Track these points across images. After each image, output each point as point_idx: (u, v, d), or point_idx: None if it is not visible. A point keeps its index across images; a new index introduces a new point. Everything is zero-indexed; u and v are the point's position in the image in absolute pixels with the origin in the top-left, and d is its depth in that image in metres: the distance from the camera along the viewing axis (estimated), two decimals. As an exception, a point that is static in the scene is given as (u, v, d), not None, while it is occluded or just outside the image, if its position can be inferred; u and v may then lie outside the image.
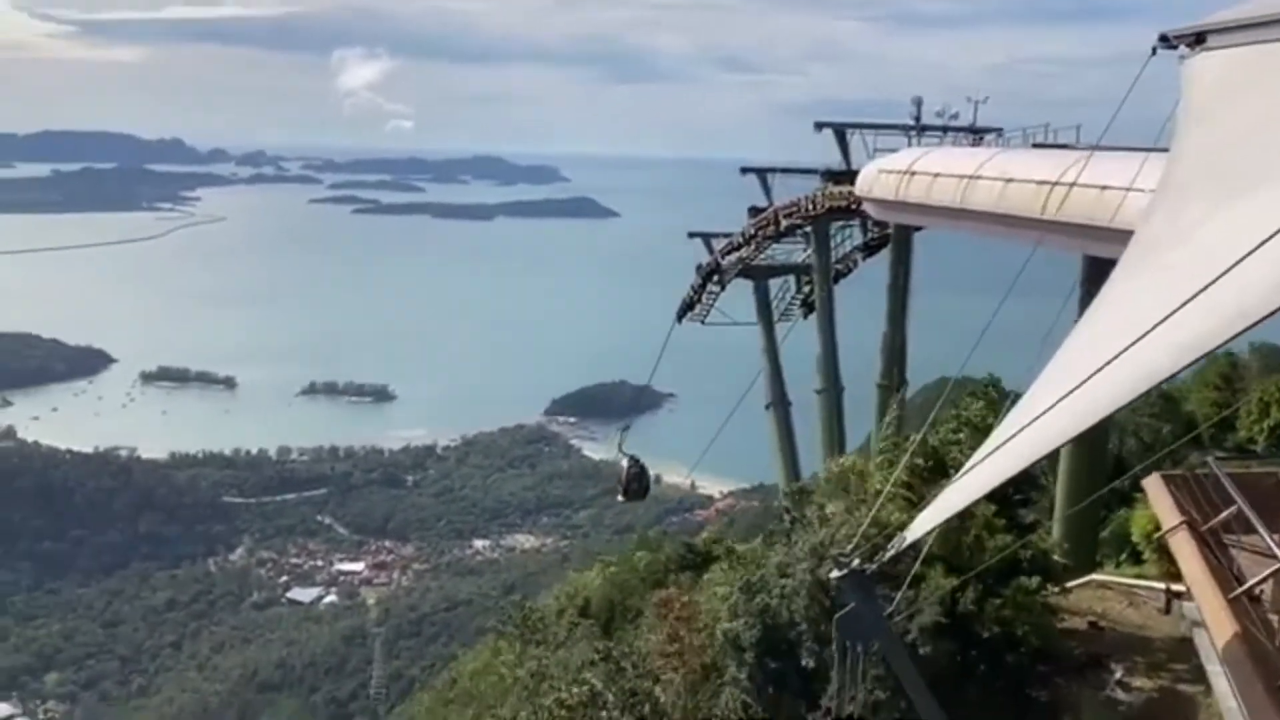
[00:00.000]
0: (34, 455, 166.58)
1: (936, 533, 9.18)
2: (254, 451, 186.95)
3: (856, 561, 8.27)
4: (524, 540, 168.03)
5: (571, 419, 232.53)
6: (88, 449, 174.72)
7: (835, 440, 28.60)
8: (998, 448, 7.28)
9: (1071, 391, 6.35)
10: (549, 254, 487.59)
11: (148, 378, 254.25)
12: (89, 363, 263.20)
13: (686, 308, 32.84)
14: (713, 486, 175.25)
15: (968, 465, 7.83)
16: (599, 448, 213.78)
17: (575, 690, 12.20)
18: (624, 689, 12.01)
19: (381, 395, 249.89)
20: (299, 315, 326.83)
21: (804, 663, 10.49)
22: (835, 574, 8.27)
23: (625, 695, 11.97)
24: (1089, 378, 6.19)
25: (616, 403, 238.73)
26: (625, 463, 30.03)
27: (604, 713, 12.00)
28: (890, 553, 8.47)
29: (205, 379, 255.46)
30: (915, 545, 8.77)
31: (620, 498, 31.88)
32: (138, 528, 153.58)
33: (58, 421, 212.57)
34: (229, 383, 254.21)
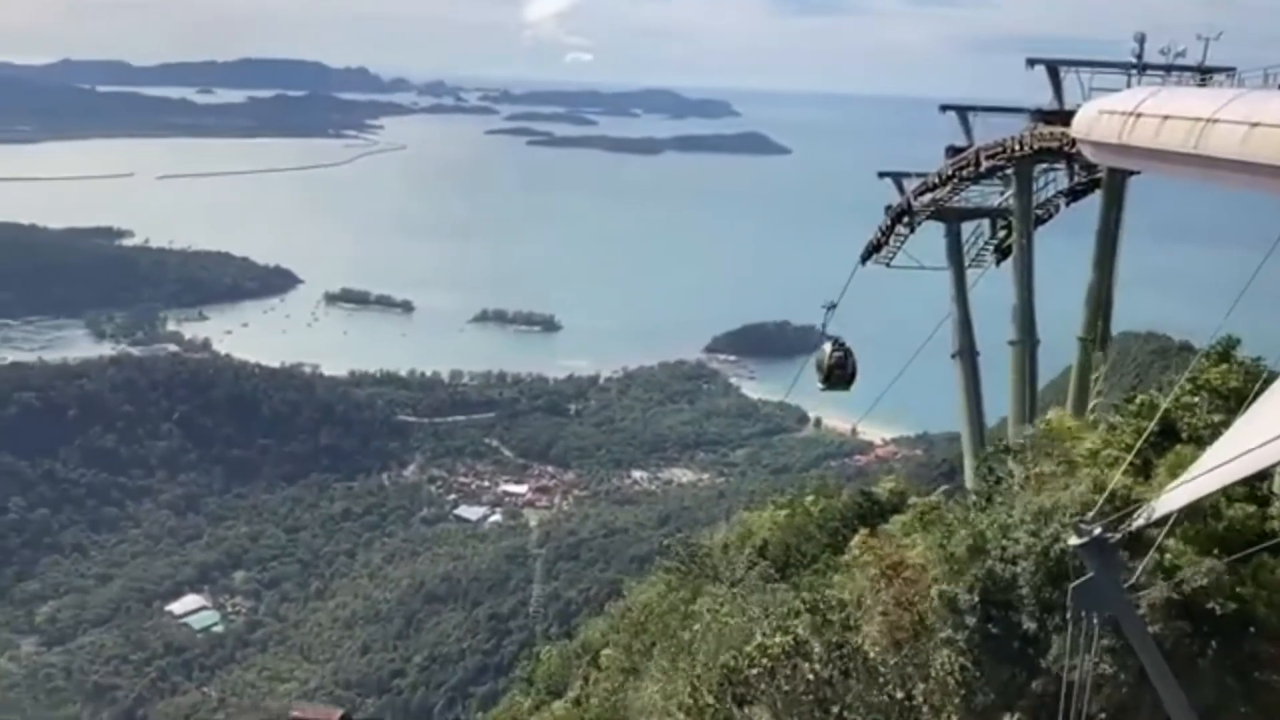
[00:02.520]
0: (226, 367, 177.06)
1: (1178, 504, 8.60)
2: (428, 374, 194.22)
3: (1099, 530, 7.76)
4: (680, 474, 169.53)
5: (732, 357, 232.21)
6: (275, 364, 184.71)
7: (1027, 395, 27.20)
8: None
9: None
10: (717, 189, 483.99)
11: (331, 299, 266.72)
12: (278, 282, 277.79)
13: (873, 249, 31.61)
14: (874, 433, 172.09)
15: (1237, 441, 7.20)
16: (758, 387, 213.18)
17: (779, 639, 12.05)
18: (830, 641, 11.80)
19: (548, 325, 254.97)
20: (473, 244, 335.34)
21: (1025, 628, 10.05)
22: (1075, 541, 7.78)
23: (831, 648, 11.77)
24: None
25: (778, 343, 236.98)
26: (827, 346, 26.89)
27: (808, 664, 11.83)
28: (1137, 523, 7.93)
29: (384, 302, 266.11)
30: (1159, 517, 8.22)
31: (820, 385, 27.44)
32: (319, 440, 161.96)
33: (248, 336, 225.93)
34: (406, 306, 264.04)
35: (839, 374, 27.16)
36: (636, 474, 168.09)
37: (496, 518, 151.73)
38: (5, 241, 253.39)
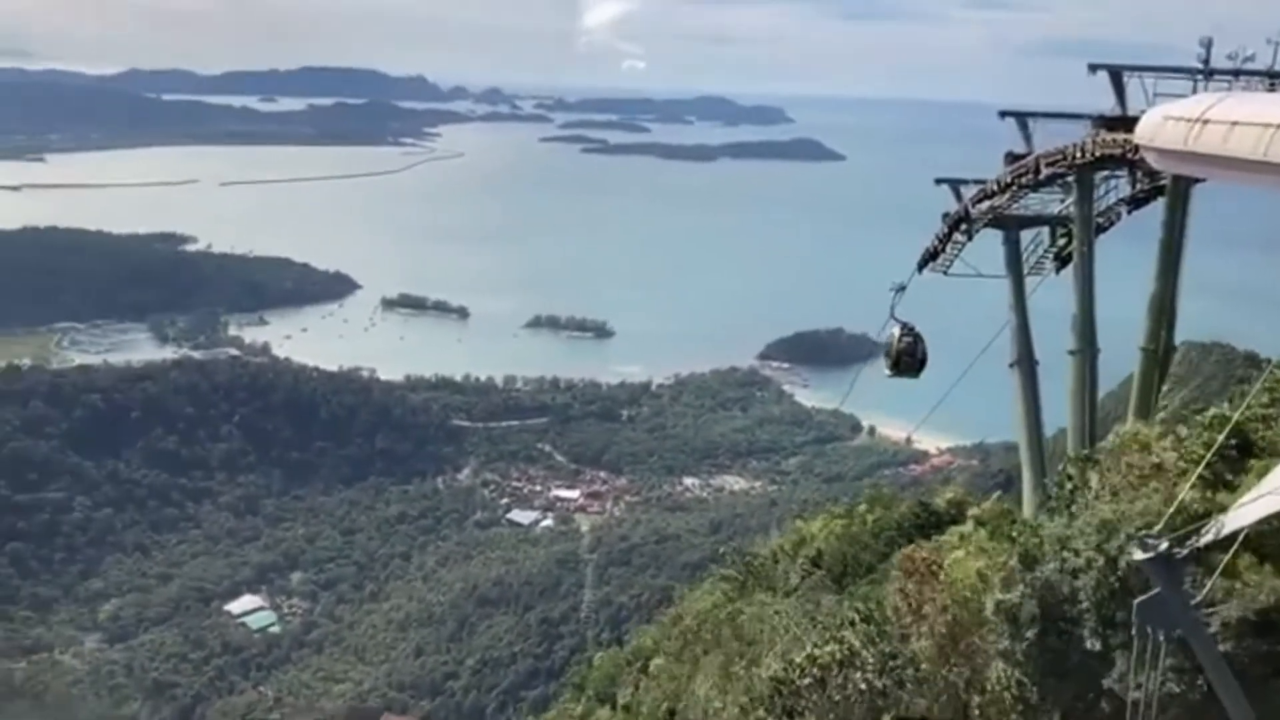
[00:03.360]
0: (286, 371, 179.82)
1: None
2: (482, 378, 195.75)
3: (1165, 545, 7.57)
4: (732, 482, 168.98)
5: (785, 364, 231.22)
6: (333, 368, 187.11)
7: (1088, 405, 26.68)
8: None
9: None
10: (770, 196, 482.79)
11: (388, 304, 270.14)
12: (337, 287, 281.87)
13: (929, 257, 31.21)
14: (929, 442, 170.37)
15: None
16: (811, 394, 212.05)
17: (831, 648, 11.93)
18: (882, 651, 11.65)
19: (601, 331, 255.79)
20: (527, 251, 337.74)
21: (1087, 644, 9.83)
22: (1140, 556, 7.59)
23: (884, 658, 11.62)
24: None
25: (832, 350, 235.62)
26: (896, 330, 25.36)
27: (859, 674, 11.69)
28: (1206, 538, 7.72)
29: (440, 308, 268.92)
30: (1228, 532, 7.98)
31: (887, 372, 25.93)
32: (375, 444, 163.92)
33: (307, 341, 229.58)
34: (462, 312, 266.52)
35: (908, 360, 25.80)
36: (688, 481, 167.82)
37: (548, 522, 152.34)
38: (74, 246, 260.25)
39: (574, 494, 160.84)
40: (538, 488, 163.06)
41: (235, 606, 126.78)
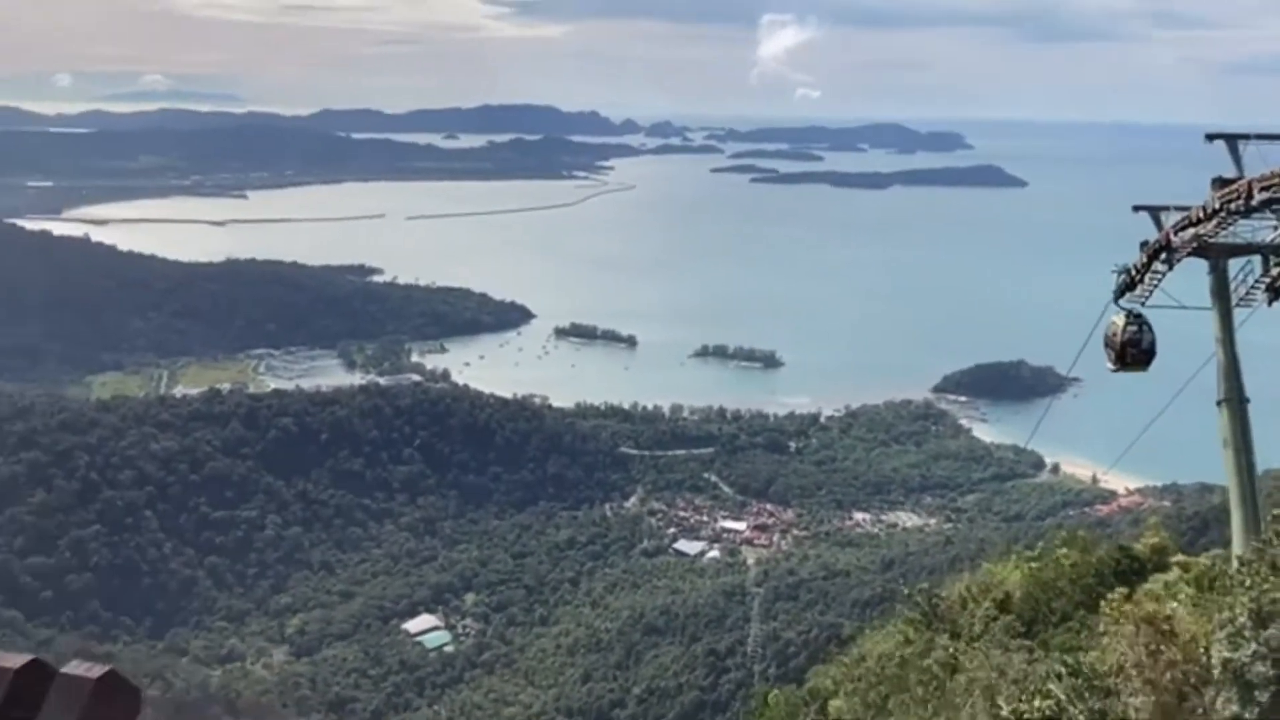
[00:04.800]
0: (464, 397, 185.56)
1: None
2: (649, 407, 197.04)
3: None
4: (905, 518, 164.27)
5: (962, 398, 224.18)
6: (508, 394, 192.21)
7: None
8: None
9: None
10: (947, 224, 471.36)
11: (561, 333, 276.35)
12: (512, 316, 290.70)
13: (1126, 287, 29.50)
14: (1117, 481, 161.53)
15: None
16: (990, 429, 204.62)
17: (1039, 703, 11.19)
18: (1091, 709, 10.85)
19: (770, 362, 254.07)
20: (695, 280, 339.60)
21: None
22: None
23: (1094, 715, 10.81)
24: None
25: (1013, 383, 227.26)
26: (1119, 319, 22.05)
27: (1067, 732, 10.89)
28: None
29: (610, 336, 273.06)
30: None
31: (1110, 366, 22.52)
32: (546, 469, 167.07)
33: (484, 368, 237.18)
34: (630, 341, 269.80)
35: (1134, 351, 22.55)
36: (858, 515, 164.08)
37: (715, 553, 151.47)
38: (270, 277, 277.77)
39: (741, 526, 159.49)
40: (704, 518, 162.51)
41: (412, 625, 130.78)
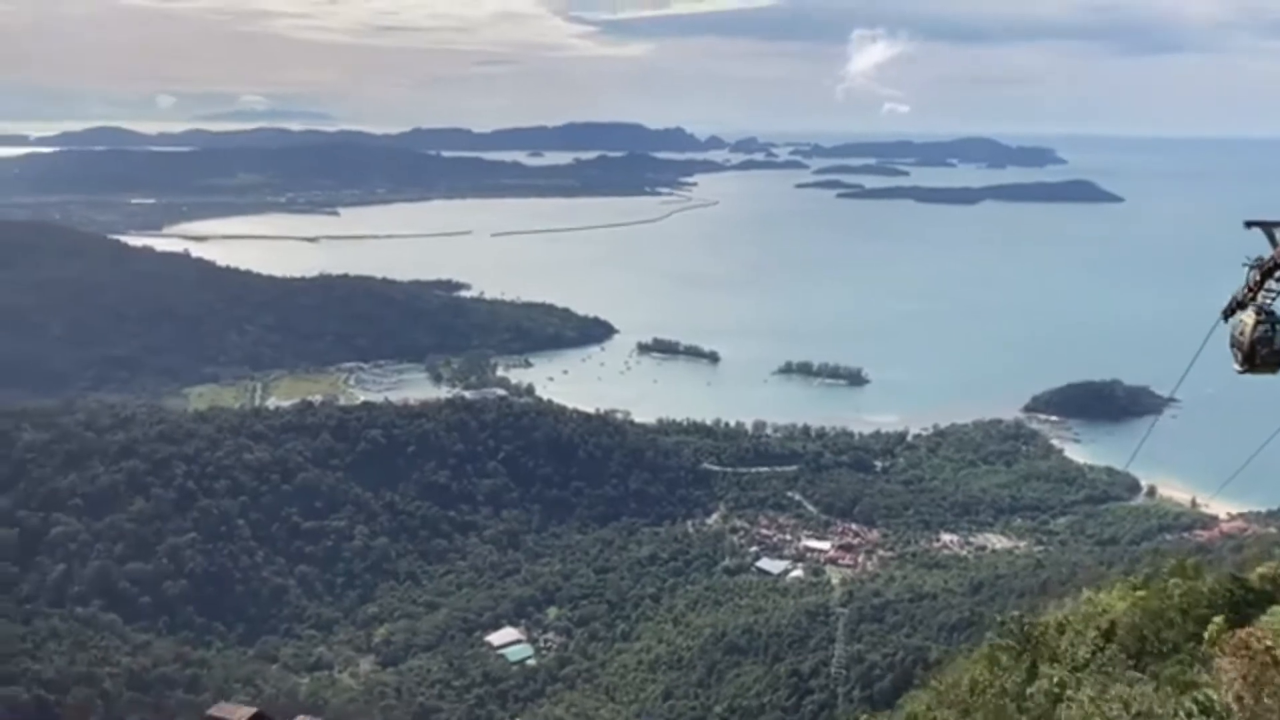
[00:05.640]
0: (547, 411, 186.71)
1: None
2: (732, 424, 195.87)
3: None
4: (994, 540, 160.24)
5: (1054, 417, 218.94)
6: (590, 409, 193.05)
7: None
8: None
9: None
10: (1038, 240, 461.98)
11: (643, 348, 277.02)
12: (596, 332, 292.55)
13: (1237, 306, 28.11)
14: (1218, 506, 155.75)
15: None
16: (1083, 450, 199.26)
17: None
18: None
19: (855, 379, 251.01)
20: (780, 296, 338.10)
21: None
22: None
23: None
24: None
25: (1107, 403, 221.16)
26: (1247, 316, 19.65)
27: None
28: None
29: (692, 352, 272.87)
30: None
31: (1237, 368, 20.37)
32: (628, 485, 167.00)
33: (568, 383, 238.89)
34: (713, 357, 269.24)
35: (1265, 351, 19.71)
36: (946, 537, 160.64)
37: (798, 573, 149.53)
38: (361, 292, 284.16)
39: (825, 545, 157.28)
40: (787, 536, 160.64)
41: (495, 638, 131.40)
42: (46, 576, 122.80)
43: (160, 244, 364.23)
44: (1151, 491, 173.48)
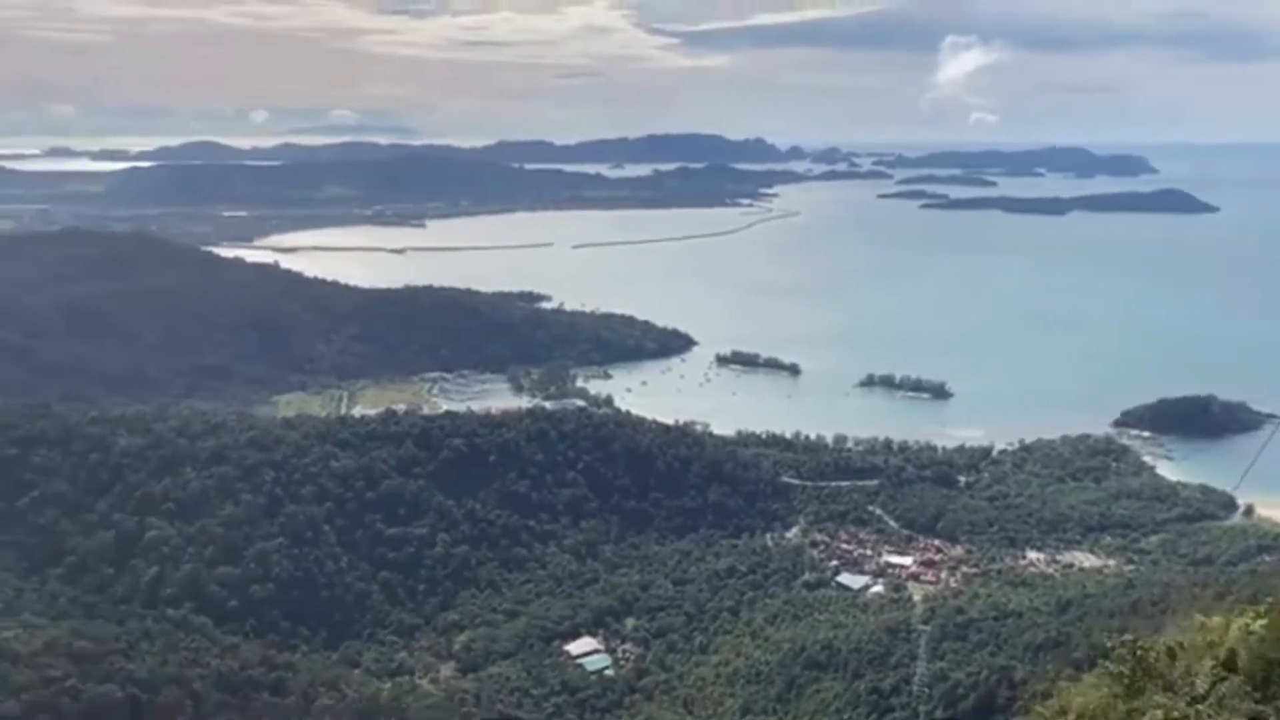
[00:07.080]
0: (626, 422, 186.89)
1: None
2: (812, 436, 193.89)
3: None
4: (1083, 558, 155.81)
5: (1145, 433, 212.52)
6: (669, 421, 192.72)
7: None
8: None
9: None
10: (1129, 251, 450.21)
11: (722, 360, 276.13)
12: (675, 343, 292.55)
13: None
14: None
15: None
16: (1176, 467, 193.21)
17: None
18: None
19: (939, 393, 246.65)
20: (861, 308, 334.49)
21: None
22: None
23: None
24: None
25: (1202, 419, 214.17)
26: None
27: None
28: None
29: (772, 364, 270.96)
30: None
31: None
32: (707, 497, 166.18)
33: (647, 394, 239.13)
34: (793, 369, 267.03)
35: None
36: (1032, 554, 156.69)
37: (878, 588, 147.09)
38: (445, 303, 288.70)
39: (906, 561, 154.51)
40: (868, 551, 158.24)
41: (574, 647, 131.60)
42: (140, 579, 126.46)
43: (251, 255, 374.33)
44: (1249, 510, 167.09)
